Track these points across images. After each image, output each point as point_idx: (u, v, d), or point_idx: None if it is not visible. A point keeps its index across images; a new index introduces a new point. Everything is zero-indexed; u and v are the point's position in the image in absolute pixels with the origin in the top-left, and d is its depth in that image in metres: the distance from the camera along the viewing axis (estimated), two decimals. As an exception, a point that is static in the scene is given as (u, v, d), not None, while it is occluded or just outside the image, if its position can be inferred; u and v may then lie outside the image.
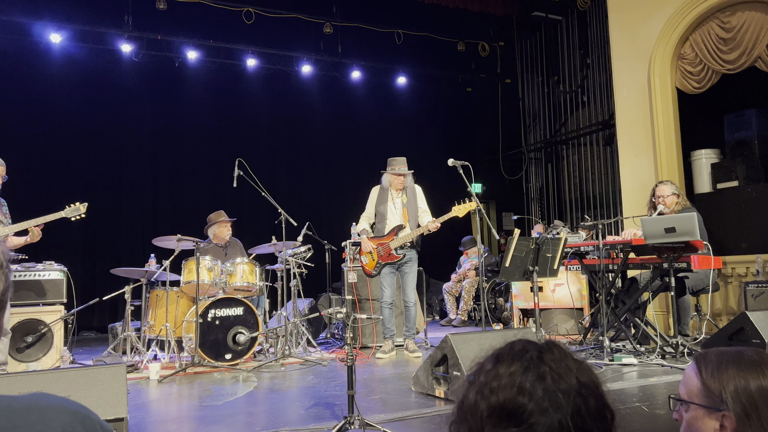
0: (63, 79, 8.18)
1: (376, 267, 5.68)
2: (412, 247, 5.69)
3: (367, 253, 5.72)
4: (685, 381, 1.07)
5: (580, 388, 0.82)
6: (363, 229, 5.80)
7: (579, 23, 10.15)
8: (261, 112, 9.55)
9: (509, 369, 0.84)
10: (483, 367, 0.87)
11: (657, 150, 6.82)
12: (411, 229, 5.66)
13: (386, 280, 5.67)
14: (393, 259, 5.62)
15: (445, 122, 11.03)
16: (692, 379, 1.05)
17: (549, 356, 0.85)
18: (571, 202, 10.57)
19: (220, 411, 3.66)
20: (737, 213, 6.36)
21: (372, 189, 5.91)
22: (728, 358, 1.03)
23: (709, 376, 1.02)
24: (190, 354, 5.14)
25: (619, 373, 4.37)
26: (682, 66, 6.83)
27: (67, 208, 4.74)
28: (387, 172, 5.77)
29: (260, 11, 9.10)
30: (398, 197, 5.76)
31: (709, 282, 5.19)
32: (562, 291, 6.49)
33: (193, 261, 5.37)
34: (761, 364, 1.00)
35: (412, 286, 5.72)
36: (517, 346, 0.88)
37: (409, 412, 3.41)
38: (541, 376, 0.82)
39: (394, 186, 5.74)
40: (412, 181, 5.84)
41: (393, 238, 5.64)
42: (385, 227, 5.74)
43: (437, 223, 5.51)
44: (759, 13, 6.15)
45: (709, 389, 1.02)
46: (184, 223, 6.76)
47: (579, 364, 0.86)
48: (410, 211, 5.75)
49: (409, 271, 5.70)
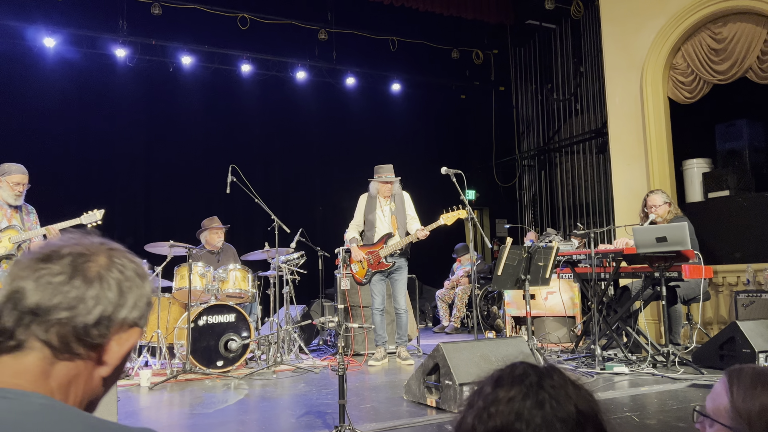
0: (56, 84, 8.15)
1: (366, 275, 5.68)
2: (402, 255, 5.70)
3: (358, 261, 5.72)
4: (714, 396, 1.03)
5: (578, 416, 0.81)
6: (353, 238, 5.81)
7: (573, 32, 10.21)
8: (255, 117, 9.54)
9: (508, 394, 0.83)
10: (482, 390, 0.87)
11: (649, 159, 6.86)
12: (400, 237, 5.68)
13: (376, 287, 5.68)
14: (383, 267, 5.63)
15: (439, 129, 11.06)
16: (721, 396, 1.01)
17: (549, 382, 0.84)
18: (564, 210, 10.61)
19: (211, 419, 3.64)
20: (728, 222, 6.40)
21: (360, 197, 5.92)
22: (764, 379, 0.99)
23: (740, 399, 0.98)
24: (182, 361, 5.12)
25: (610, 381, 4.39)
26: (674, 76, 6.88)
27: (84, 215, 4.71)
28: (374, 179, 5.78)
29: (255, 17, 9.11)
30: (386, 204, 5.77)
31: (700, 291, 5.22)
32: (555, 299, 6.51)
33: (185, 267, 5.36)
34: None
35: (402, 293, 5.73)
36: (518, 370, 0.87)
37: (401, 421, 3.41)
38: (540, 403, 0.81)
39: (382, 193, 5.74)
40: (400, 188, 5.85)
41: (383, 246, 5.65)
42: (375, 235, 5.75)
43: (426, 231, 5.52)
44: (750, 25, 6.21)
45: (737, 410, 0.98)
46: (176, 229, 6.74)
47: (578, 390, 0.85)
48: (399, 218, 5.76)
49: (399, 278, 5.71)
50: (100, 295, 0.85)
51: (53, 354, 0.82)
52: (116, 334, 0.87)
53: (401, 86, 10.52)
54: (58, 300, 0.82)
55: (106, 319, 0.85)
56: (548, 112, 10.90)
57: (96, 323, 0.84)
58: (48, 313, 0.82)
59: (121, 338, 0.87)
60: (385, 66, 10.28)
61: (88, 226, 4.77)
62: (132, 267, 0.91)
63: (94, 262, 0.87)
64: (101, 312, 0.84)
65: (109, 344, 0.86)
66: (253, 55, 9.26)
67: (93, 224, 4.77)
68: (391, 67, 10.30)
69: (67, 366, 0.83)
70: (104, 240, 0.92)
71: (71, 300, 0.83)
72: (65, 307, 0.82)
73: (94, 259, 0.87)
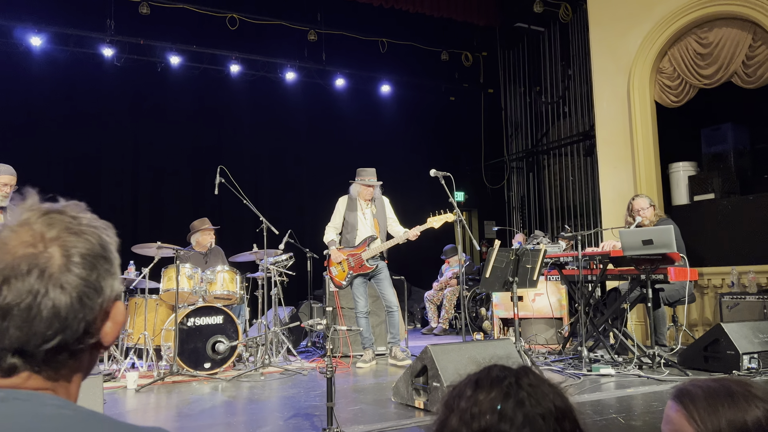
0: (43, 83, 8.06)
1: (347, 278, 5.64)
2: (382, 258, 5.71)
3: (337, 263, 5.68)
4: (675, 428, 0.98)
5: (557, 412, 0.85)
6: (331, 240, 5.78)
7: (561, 35, 10.28)
8: (244, 118, 9.51)
9: (489, 395, 0.86)
10: (463, 393, 0.89)
11: (636, 162, 6.92)
12: (381, 241, 5.67)
13: (359, 290, 5.64)
14: (365, 270, 5.60)
15: (428, 131, 11.08)
16: (684, 426, 0.96)
17: (526, 381, 0.87)
18: (552, 211, 10.68)
19: (198, 421, 3.63)
20: (713, 225, 6.47)
21: (339, 199, 5.90)
22: (719, 396, 0.96)
23: (707, 424, 0.94)
24: (169, 363, 5.09)
25: (596, 383, 4.42)
26: (660, 80, 6.95)
27: None
28: (356, 182, 5.78)
29: (244, 17, 9.09)
30: (367, 208, 5.78)
31: (686, 293, 5.27)
32: (542, 301, 6.54)
33: (172, 268, 5.33)
34: (750, 398, 0.95)
35: (391, 290, 5.67)
36: (494, 372, 0.90)
37: (389, 423, 3.41)
38: (520, 401, 0.84)
39: (363, 196, 5.74)
40: (380, 193, 5.86)
41: (365, 249, 5.62)
42: (356, 237, 5.72)
43: (417, 232, 5.51)
44: (735, 30, 6.28)
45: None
46: (164, 230, 6.70)
47: (554, 389, 0.89)
48: (380, 222, 5.78)
49: (384, 278, 5.68)
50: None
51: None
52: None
53: (390, 88, 10.53)
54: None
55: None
56: (536, 115, 10.97)
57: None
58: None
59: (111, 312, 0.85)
60: (375, 67, 10.29)
61: None
62: (84, 246, 0.81)
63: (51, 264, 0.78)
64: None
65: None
66: (242, 55, 9.23)
67: None
68: (380, 68, 10.31)
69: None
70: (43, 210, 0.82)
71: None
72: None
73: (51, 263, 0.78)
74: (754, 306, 5.58)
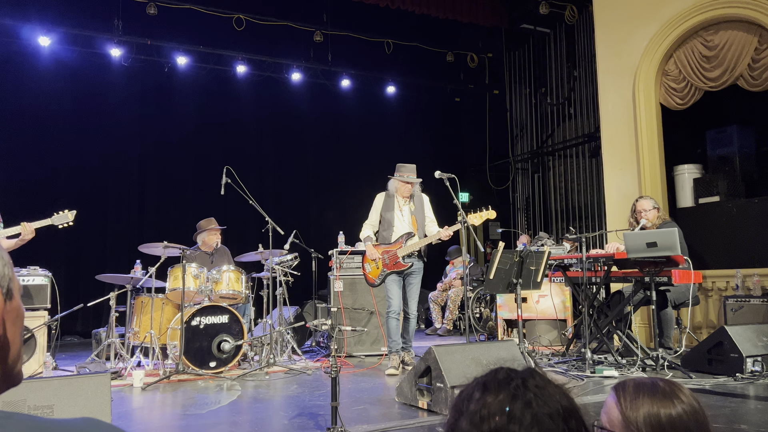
0: (51, 83, 8.14)
1: (381, 275, 5.41)
2: (419, 257, 5.45)
3: (372, 260, 5.45)
4: (607, 410, 1.14)
5: (563, 412, 0.88)
6: (367, 236, 5.52)
7: (567, 37, 10.28)
8: (250, 119, 9.56)
9: (497, 397, 0.88)
10: (471, 396, 0.91)
11: (641, 164, 6.92)
12: (419, 238, 5.41)
13: (393, 288, 5.36)
14: (400, 268, 5.36)
15: (433, 132, 11.10)
16: (613, 409, 1.12)
17: (532, 383, 0.90)
18: (556, 213, 10.67)
19: (204, 420, 3.66)
20: (718, 228, 6.46)
21: (377, 195, 5.65)
22: (644, 389, 1.11)
23: (628, 407, 1.09)
24: (175, 361, 5.13)
25: (600, 385, 4.43)
26: (666, 82, 6.95)
27: (55, 216, 4.73)
28: (395, 178, 5.49)
29: (251, 18, 9.13)
30: (405, 205, 5.51)
31: (690, 296, 5.28)
32: (546, 302, 6.55)
33: (178, 268, 5.37)
34: (671, 395, 1.09)
35: (415, 298, 5.49)
36: (501, 374, 0.93)
37: (392, 423, 3.44)
38: (528, 402, 0.87)
39: (401, 193, 5.48)
40: (420, 190, 5.61)
41: (401, 246, 5.36)
42: (392, 235, 5.46)
43: (450, 231, 5.30)
44: (741, 32, 6.28)
45: (627, 419, 1.09)
46: (170, 230, 6.76)
47: (560, 389, 0.92)
48: (418, 219, 5.50)
49: (414, 282, 5.46)
50: None
51: None
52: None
53: (396, 88, 10.55)
54: None
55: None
56: (542, 116, 10.97)
57: None
58: None
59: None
60: (380, 68, 10.32)
61: (59, 227, 4.79)
62: None
63: None
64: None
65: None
66: (248, 56, 9.28)
67: (64, 225, 4.79)
68: (385, 69, 10.34)
69: None
70: None
71: None
72: None
73: None
74: (758, 309, 5.57)
